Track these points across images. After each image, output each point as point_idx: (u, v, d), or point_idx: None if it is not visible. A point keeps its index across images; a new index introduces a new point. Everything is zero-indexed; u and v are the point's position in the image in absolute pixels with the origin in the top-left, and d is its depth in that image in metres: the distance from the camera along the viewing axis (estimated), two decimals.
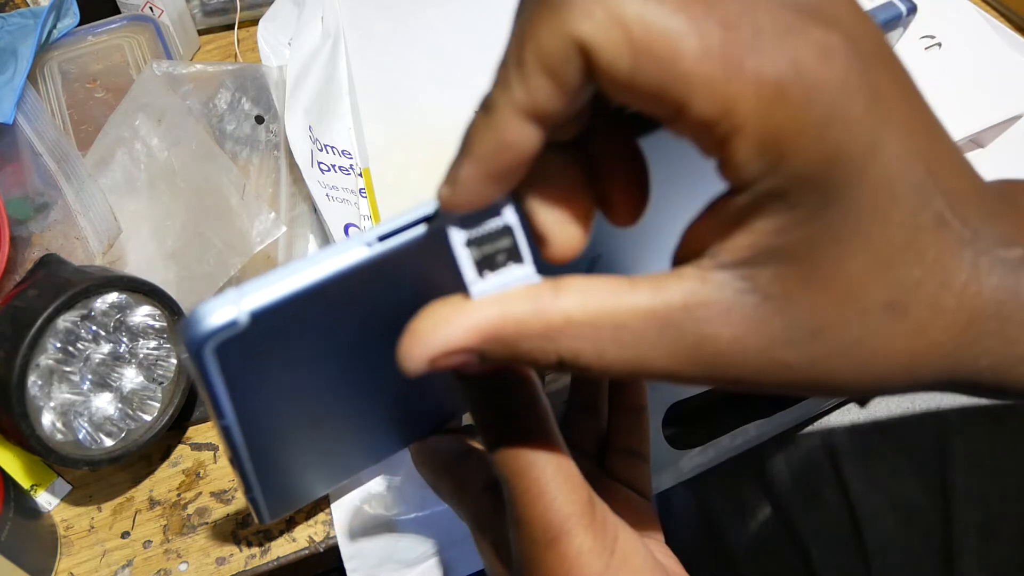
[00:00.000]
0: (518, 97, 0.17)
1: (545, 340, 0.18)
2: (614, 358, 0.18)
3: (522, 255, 0.19)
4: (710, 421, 0.51)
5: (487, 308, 0.18)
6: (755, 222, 0.17)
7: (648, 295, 0.18)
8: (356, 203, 0.46)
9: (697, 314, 0.18)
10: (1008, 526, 0.44)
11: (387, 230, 0.20)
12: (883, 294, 0.17)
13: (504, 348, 0.18)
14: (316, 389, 0.25)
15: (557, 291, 0.18)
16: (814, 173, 0.16)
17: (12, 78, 0.45)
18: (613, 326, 0.18)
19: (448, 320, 0.19)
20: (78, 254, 0.42)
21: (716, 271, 0.18)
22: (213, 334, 0.19)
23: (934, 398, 0.49)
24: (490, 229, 0.19)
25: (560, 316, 0.18)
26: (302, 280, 0.19)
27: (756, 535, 0.58)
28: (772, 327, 0.17)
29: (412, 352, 0.19)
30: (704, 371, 0.18)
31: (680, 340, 0.18)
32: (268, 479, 0.28)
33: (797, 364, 0.18)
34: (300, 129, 0.45)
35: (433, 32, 0.51)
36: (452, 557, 0.43)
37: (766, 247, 0.17)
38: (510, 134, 0.17)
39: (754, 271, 0.17)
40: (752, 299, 0.17)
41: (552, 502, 0.23)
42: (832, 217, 0.16)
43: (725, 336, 0.18)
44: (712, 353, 0.18)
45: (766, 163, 0.16)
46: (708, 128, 0.16)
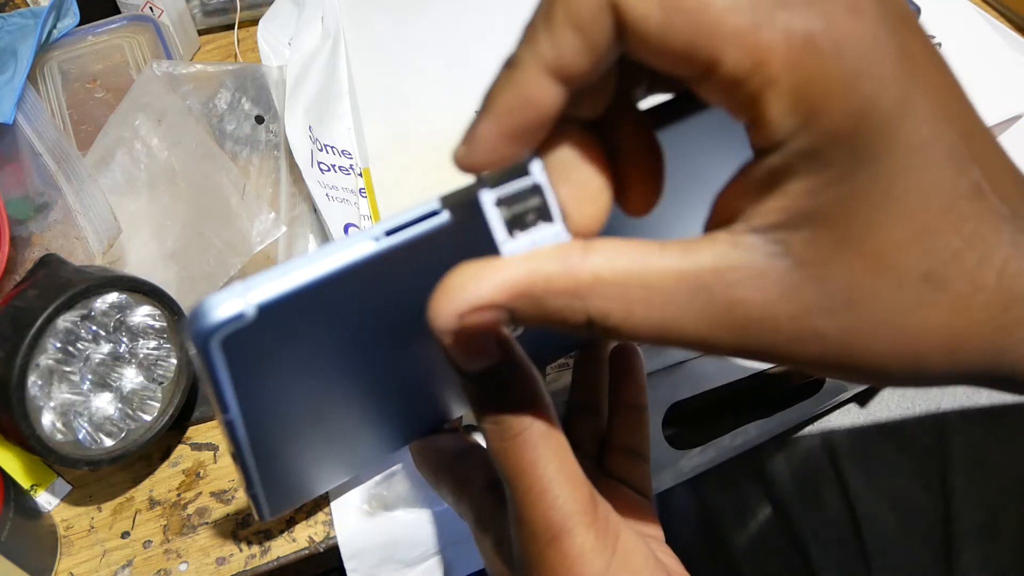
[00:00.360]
0: (545, 52, 0.16)
1: (574, 298, 0.18)
2: (642, 319, 0.18)
3: (552, 214, 0.19)
4: (710, 421, 0.51)
5: (517, 265, 0.18)
6: (787, 184, 0.17)
7: (679, 257, 0.18)
8: (356, 203, 0.46)
9: (728, 277, 0.17)
10: (1008, 526, 0.44)
11: (394, 225, 0.20)
12: (920, 263, 0.17)
13: (533, 305, 0.18)
14: (320, 384, 0.25)
15: (587, 250, 0.18)
16: (846, 128, 0.15)
17: (12, 78, 0.45)
18: (642, 286, 0.18)
19: (478, 277, 0.18)
20: (78, 254, 0.42)
21: (748, 235, 0.17)
22: (220, 327, 0.19)
23: (934, 398, 0.49)
24: (519, 188, 0.19)
25: (589, 274, 0.18)
26: (309, 274, 0.19)
27: (756, 535, 0.58)
28: (805, 293, 0.17)
29: (442, 308, 0.19)
30: (735, 337, 0.18)
31: (711, 304, 0.17)
32: (270, 475, 0.28)
33: (831, 334, 0.17)
34: (300, 129, 0.45)
35: (433, 32, 0.51)
36: (452, 557, 0.43)
37: (799, 209, 0.17)
38: (533, 90, 0.17)
39: (787, 235, 0.17)
40: (784, 263, 0.17)
41: (554, 500, 0.23)
42: (866, 177, 0.16)
43: (757, 301, 0.17)
44: (744, 318, 0.17)
45: (798, 118, 0.16)
46: (739, 84, 0.16)
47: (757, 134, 0.17)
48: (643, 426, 0.33)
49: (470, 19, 0.52)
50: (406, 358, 0.27)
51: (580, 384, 0.35)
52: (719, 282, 0.17)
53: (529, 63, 0.17)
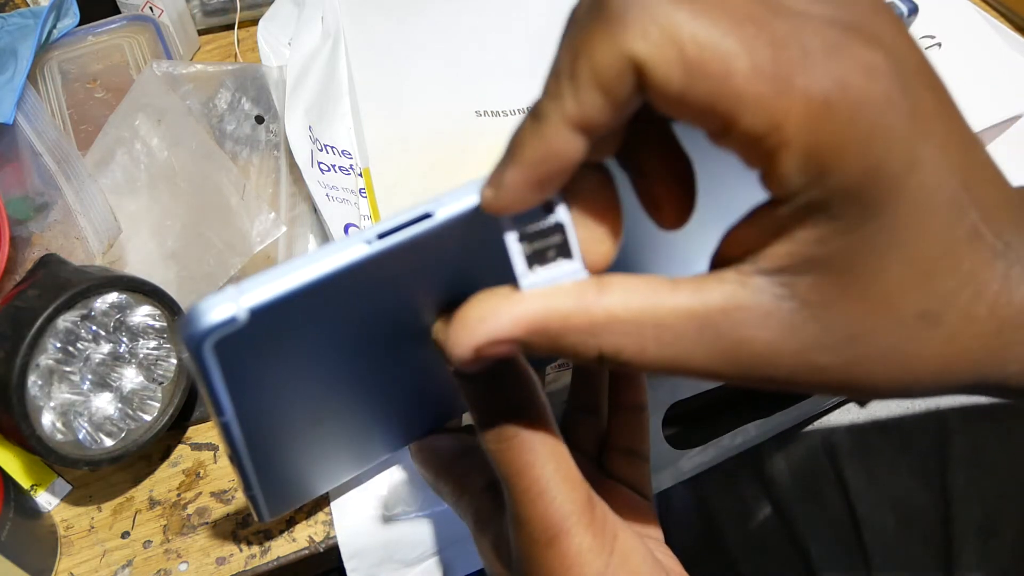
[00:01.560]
0: (569, 109, 0.17)
1: (588, 335, 0.19)
2: (654, 355, 0.19)
3: (572, 251, 0.20)
4: (710, 421, 0.51)
5: (534, 301, 0.19)
6: (796, 231, 0.17)
7: (689, 296, 0.19)
8: (356, 203, 0.46)
9: (736, 317, 0.18)
10: (1008, 526, 0.44)
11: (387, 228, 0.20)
12: (918, 304, 0.18)
13: (548, 341, 0.19)
14: (316, 386, 0.25)
15: (601, 288, 0.19)
16: (856, 186, 0.16)
17: (12, 78, 0.45)
18: (654, 324, 0.19)
19: (496, 311, 0.19)
20: (78, 254, 0.42)
21: (756, 276, 0.18)
22: (212, 331, 0.19)
23: (934, 398, 0.49)
24: (543, 226, 0.20)
25: (603, 313, 0.19)
26: (301, 277, 0.19)
27: (756, 535, 0.58)
28: (808, 332, 0.18)
29: (460, 340, 0.19)
30: (740, 371, 0.19)
31: (718, 341, 0.18)
32: (268, 477, 0.28)
33: (831, 367, 0.18)
34: (300, 129, 0.45)
35: (433, 32, 0.51)
36: (452, 556, 0.43)
37: (806, 256, 0.17)
38: (558, 144, 0.18)
39: (793, 279, 0.18)
40: (790, 305, 0.18)
41: (552, 501, 0.23)
42: (872, 229, 0.17)
43: (762, 339, 0.18)
44: (749, 355, 0.18)
45: (810, 176, 0.16)
46: (756, 142, 0.16)
47: (769, 184, 0.17)
48: (643, 426, 0.33)
49: (470, 19, 0.52)
50: (403, 358, 0.27)
51: (580, 384, 0.35)
52: (727, 321, 0.18)
53: (554, 118, 0.17)
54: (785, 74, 0.16)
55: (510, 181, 0.19)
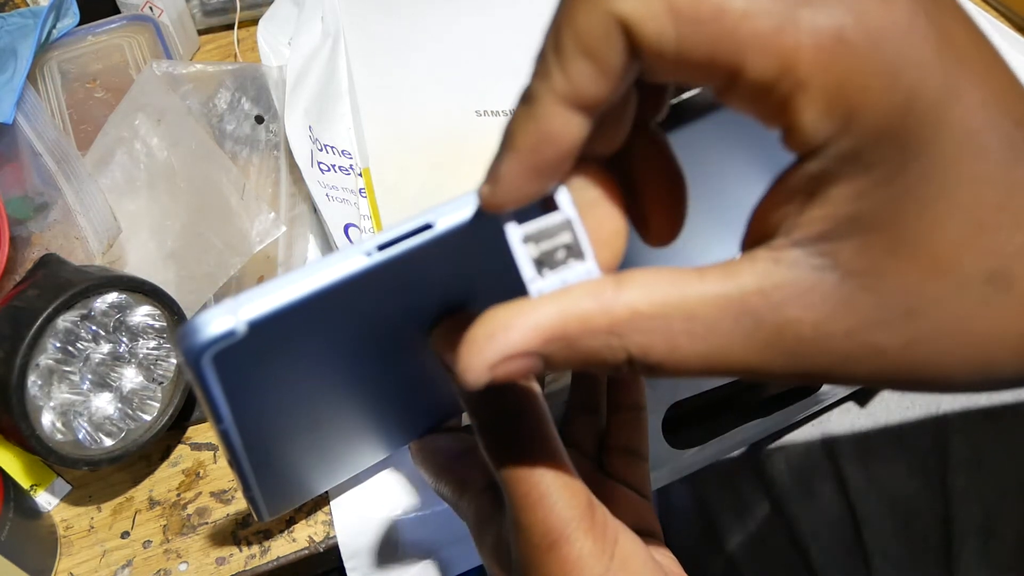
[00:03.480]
0: (558, 84, 0.16)
1: (611, 336, 0.17)
2: (687, 352, 0.17)
3: (583, 250, 0.18)
4: (710, 420, 0.51)
5: (547, 307, 0.17)
6: (830, 190, 0.15)
7: (719, 282, 0.17)
8: (356, 203, 0.46)
9: (774, 298, 0.16)
10: (1008, 526, 0.44)
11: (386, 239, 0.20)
12: (982, 263, 0.15)
13: (568, 348, 0.17)
14: (315, 393, 0.25)
15: (620, 284, 0.17)
16: (889, 126, 0.14)
17: (12, 78, 0.45)
18: (683, 317, 0.17)
19: (507, 323, 0.17)
20: (78, 254, 0.42)
21: (790, 249, 0.16)
22: (211, 344, 0.19)
23: (934, 398, 0.49)
24: (549, 225, 0.18)
25: (625, 309, 0.17)
26: (300, 290, 0.19)
27: (756, 535, 0.58)
28: (859, 307, 0.16)
29: (471, 362, 0.17)
30: (788, 361, 0.17)
31: (758, 328, 0.16)
32: (267, 479, 0.28)
33: (891, 347, 0.16)
34: (300, 129, 0.45)
35: (433, 32, 0.51)
36: (451, 556, 0.43)
37: (844, 216, 0.15)
38: (553, 124, 0.16)
39: (833, 245, 0.16)
40: (833, 277, 0.16)
41: (552, 507, 0.23)
42: (914, 175, 0.15)
43: (807, 320, 0.16)
44: (795, 340, 0.16)
45: (836, 121, 0.15)
46: (767, 91, 0.15)
47: (793, 140, 0.16)
48: (642, 426, 0.33)
49: (470, 19, 0.52)
50: (402, 363, 0.27)
51: (579, 384, 0.35)
52: (764, 304, 0.16)
53: (545, 97, 0.16)
54: (787, 8, 0.14)
55: (506, 172, 0.17)
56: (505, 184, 0.17)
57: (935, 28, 0.14)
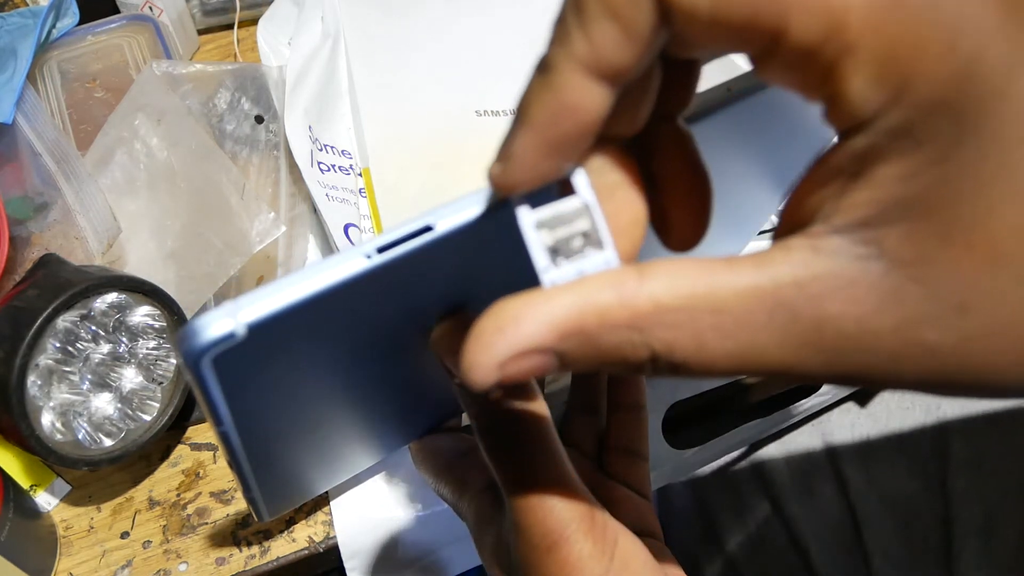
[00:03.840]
0: (579, 49, 0.14)
1: (633, 331, 0.15)
2: (717, 349, 0.15)
3: (602, 239, 0.17)
4: (710, 420, 0.51)
5: (563, 298, 0.16)
6: (876, 170, 0.14)
7: (751, 273, 0.15)
8: (356, 203, 0.46)
9: (812, 290, 0.15)
10: (1008, 526, 0.44)
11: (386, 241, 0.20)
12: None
13: (586, 344, 0.16)
14: (315, 395, 0.25)
15: (643, 275, 0.15)
16: (945, 96, 0.13)
17: (11, 78, 0.45)
18: (712, 310, 0.15)
19: (518, 316, 0.16)
20: (78, 254, 0.42)
21: (830, 237, 0.15)
22: (210, 347, 0.19)
23: (934, 399, 0.49)
24: (564, 209, 0.17)
25: (648, 302, 0.15)
26: (300, 292, 0.19)
27: (756, 535, 0.58)
28: (907, 301, 0.14)
29: (478, 359, 0.16)
30: (827, 360, 0.15)
31: (795, 323, 0.15)
32: (266, 479, 0.28)
33: (943, 346, 0.14)
34: (300, 129, 0.45)
35: (433, 32, 0.51)
36: (451, 555, 0.43)
37: (892, 199, 0.14)
38: (572, 94, 0.15)
39: (879, 232, 0.14)
40: (879, 267, 0.14)
41: (552, 508, 0.23)
42: (972, 152, 0.13)
43: (850, 315, 0.14)
44: (835, 337, 0.15)
45: (887, 90, 0.13)
46: (812, 56, 0.14)
47: (837, 114, 0.14)
48: (642, 426, 0.33)
49: (470, 19, 0.52)
50: (403, 363, 0.27)
51: (579, 384, 0.35)
52: (802, 297, 0.15)
53: (564, 64, 0.15)
54: None
55: (520, 149, 0.16)
56: (518, 162, 0.16)
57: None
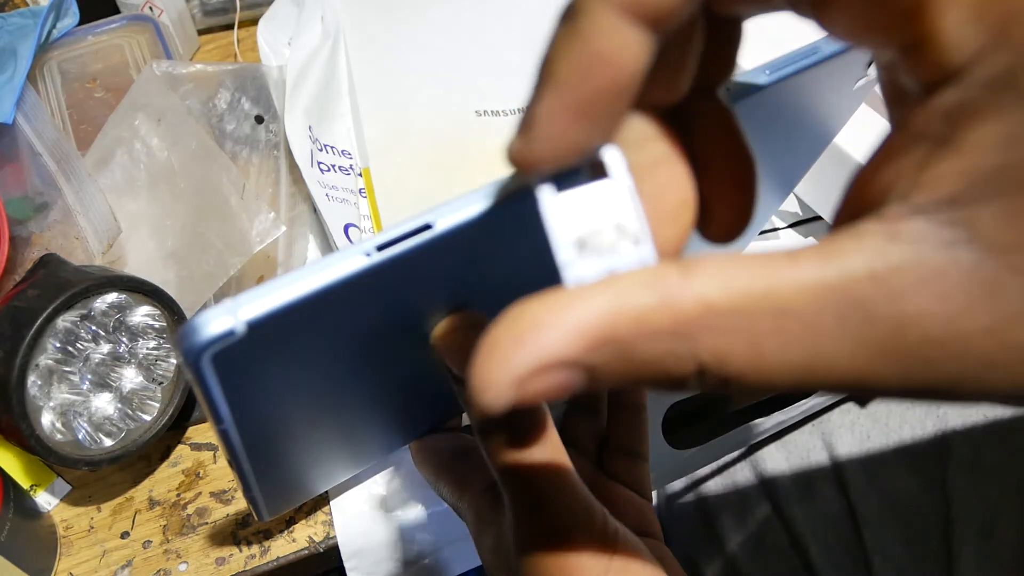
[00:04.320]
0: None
1: (678, 338, 0.13)
2: (777, 359, 0.13)
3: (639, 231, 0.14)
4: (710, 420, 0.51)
5: (593, 299, 0.13)
6: (970, 133, 0.12)
7: (816, 267, 0.12)
8: (356, 203, 0.46)
9: (892, 285, 0.12)
10: (1008, 526, 0.44)
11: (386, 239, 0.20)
12: None
13: (621, 356, 0.13)
14: (315, 394, 0.25)
15: (687, 271, 0.13)
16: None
17: (12, 78, 0.45)
18: (772, 313, 0.12)
19: (540, 322, 0.13)
20: (78, 254, 0.42)
21: (911, 219, 0.12)
22: (210, 344, 0.19)
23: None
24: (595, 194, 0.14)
25: (695, 303, 0.13)
26: (299, 290, 0.19)
27: (756, 535, 0.58)
28: (1007, 296, 0.12)
29: (492, 376, 0.13)
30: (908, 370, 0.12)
31: (870, 326, 0.12)
32: (267, 478, 0.28)
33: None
34: (300, 129, 0.45)
35: (433, 32, 0.51)
36: (451, 555, 0.43)
37: (989, 169, 0.11)
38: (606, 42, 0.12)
39: (971, 211, 0.12)
40: (971, 255, 0.12)
41: (552, 508, 0.23)
42: None
43: (937, 315, 0.12)
44: (919, 341, 0.12)
45: (987, 30, 0.11)
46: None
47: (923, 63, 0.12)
48: (642, 426, 0.33)
49: (470, 19, 0.52)
50: (403, 362, 0.27)
51: None
52: (879, 293, 0.12)
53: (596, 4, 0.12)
54: None
55: (544, 114, 0.13)
56: (543, 131, 0.13)
57: None
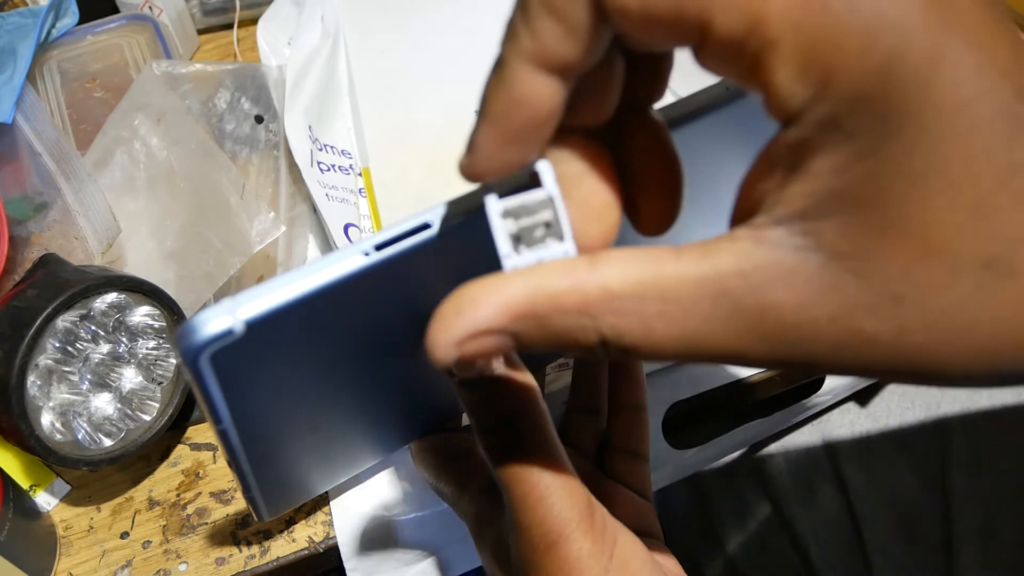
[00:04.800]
0: (525, 45, 0.16)
1: (583, 316, 0.16)
2: (663, 335, 0.16)
3: (562, 229, 0.18)
4: (710, 420, 0.51)
5: (517, 282, 0.17)
6: (810, 163, 0.15)
7: (697, 262, 0.16)
8: (356, 203, 0.46)
9: (755, 280, 0.15)
10: (1008, 526, 0.44)
11: (384, 239, 0.20)
12: (978, 247, 0.14)
13: (538, 327, 0.17)
14: (314, 393, 0.25)
15: (595, 263, 0.16)
16: (868, 90, 0.13)
17: (11, 78, 0.45)
18: (659, 298, 0.16)
19: (475, 299, 0.17)
20: (77, 254, 0.42)
21: (772, 228, 0.15)
22: (209, 343, 0.19)
23: (934, 398, 0.49)
24: (529, 200, 0.18)
25: (598, 288, 0.16)
26: (298, 289, 0.19)
27: (756, 535, 0.58)
28: (844, 291, 0.15)
29: (438, 338, 0.17)
30: (770, 347, 0.16)
31: (738, 311, 0.15)
32: (266, 479, 0.28)
33: (881, 336, 0.15)
34: (300, 129, 0.45)
35: (433, 32, 0.51)
36: (451, 556, 0.43)
37: (826, 192, 0.14)
38: (522, 88, 0.16)
39: (816, 224, 0.15)
40: (816, 258, 0.15)
41: (551, 507, 0.23)
42: (900, 147, 0.14)
43: (790, 303, 0.15)
44: (776, 325, 0.15)
45: (811, 83, 0.14)
46: (739, 49, 0.14)
47: (771, 105, 0.15)
48: (643, 426, 0.33)
49: (470, 19, 0.52)
50: (403, 363, 0.27)
51: (580, 384, 0.35)
52: (744, 286, 0.15)
53: (513, 60, 0.16)
54: None
55: (481, 141, 0.17)
56: (481, 153, 0.17)
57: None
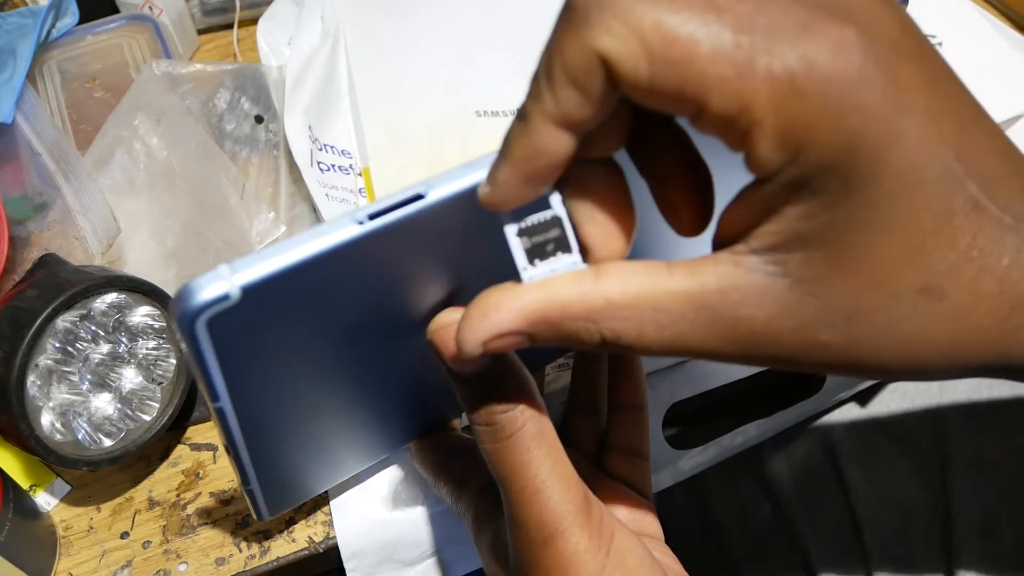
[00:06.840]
0: (548, 107, 0.18)
1: (588, 321, 0.20)
2: (653, 338, 0.19)
3: (570, 244, 0.21)
4: (710, 421, 0.51)
5: (534, 293, 0.20)
6: (783, 209, 0.18)
7: (684, 279, 0.19)
8: (356, 203, 0.46)
9: (731, 296, 0.19)
10: (1008, 526, 0.44)
11: (378, 208, 0.20)
12: (916, 279, 0.18)
13: (551, 330, 0.20)
14: (312, 375, 0.25)
15: (599, 276, 0.20)
16: (833, 161, 0.16)
17: (11, 77, 0.45)
18: (651, 308, 0.19)
19: (499, 305, 0.20)
20: (77, 254, 0.42)
21: (748, 256, 0.19)
22: (204, 308, 0.19)
23: (934, 398, 0.49)
24: (540, 220, 0.21)
25: (601, 299, 0.19)
26: (293, 256, 0.19)
27: (756, 535, 0.58)
28: (805, 309, 0.18)
29: (467, 336, 0.20)
30: (740, 349, 0.19)
31: (716, 321, 0.19)
32: (265, 470, 0.28)
33: (834, 345, 0.19)
34: (299, 129, 0.45)
35: (433, 32, 0.51)
36: (451, 556, 0.43)
37: (794, 233, 0.18)
38: (543, 141, 0.19)
39: (784, 256, 0.18)
40: (784, 282, 0.18)
41: (548, 501, 0.23)
42: (856, 203, 0.17)
43: (760, 317, 0.19)
44: (748, 333, 0.19)
45: (786, 154, 0.17)
46: (729, 124, 0.17)
47: (751, 165, 0.18)
48: (642, 426, 0.33)
49: (470, 19, 0.52)
50: (401, 353, 0.27)
51: (579, 384, 0.35)
52: (723, 301, 0.19)
53: (536, 116, 0.18)
54: (746, 55, 0.16)
55: (502, 178, 0.20)
56: (501, 188, 0.20)
57: (884, 73, 0.16)
